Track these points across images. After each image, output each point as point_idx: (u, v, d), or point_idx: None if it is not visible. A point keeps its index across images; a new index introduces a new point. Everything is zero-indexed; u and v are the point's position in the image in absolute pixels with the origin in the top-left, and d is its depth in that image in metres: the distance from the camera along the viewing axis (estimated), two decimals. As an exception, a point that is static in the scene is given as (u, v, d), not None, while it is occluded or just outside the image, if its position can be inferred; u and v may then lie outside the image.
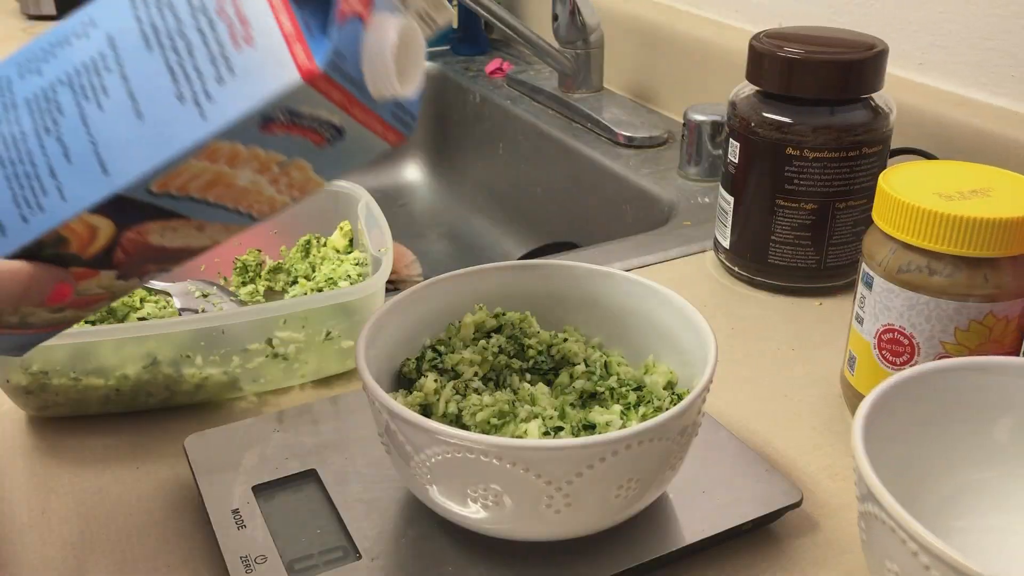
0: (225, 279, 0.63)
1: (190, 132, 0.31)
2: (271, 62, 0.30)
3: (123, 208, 0.32)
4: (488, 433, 0.40)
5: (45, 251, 0.33)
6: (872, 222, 0.48)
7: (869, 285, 0.48)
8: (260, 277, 0.63)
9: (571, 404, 0.43)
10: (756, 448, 0.48)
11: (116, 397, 0.50)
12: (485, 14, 0.95)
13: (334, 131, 0.32)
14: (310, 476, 0.44)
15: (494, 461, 0.35)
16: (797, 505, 0.42)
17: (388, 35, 0.32)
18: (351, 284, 0.59)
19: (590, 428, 0.40)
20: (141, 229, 0.33)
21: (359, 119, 0.32)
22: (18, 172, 0.32)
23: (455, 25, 1.23)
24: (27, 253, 0.32)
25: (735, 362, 0.56)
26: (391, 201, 1.18)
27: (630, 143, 0.92)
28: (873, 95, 0.60)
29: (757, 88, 0.61)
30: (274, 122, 0.31)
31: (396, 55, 0.32)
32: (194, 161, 0.31)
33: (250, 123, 0.30)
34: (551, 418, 0.41)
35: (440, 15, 0.36)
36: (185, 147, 0.31)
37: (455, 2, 1.16)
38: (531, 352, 0.45)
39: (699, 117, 0.82)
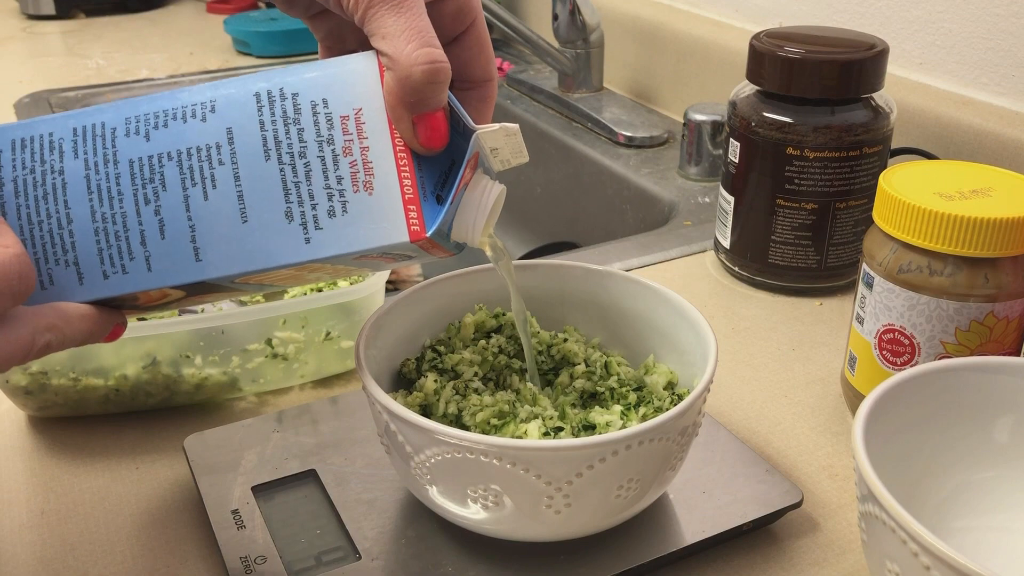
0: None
1: (291, 253, 0.32)
2: (385, 217, 0.32)
3: (202, 286, 0.33)
4: (488, 433, 0.40)
5: (112, 301, 0.33)
6: (872, 222, 0.48)
7: (869, 285, 0.48)
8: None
9: (571, 404, 0.43)
10: (756, 448, 0.48)
11: (116, 397, 0.50)
12: (485, 13, 0.95)
13: (408, 259, 0.35)
14: (310, 476, 0.44)
15: (494, 461, 0.35)
16: (797, 505, 0.42)
17: (486, 202, 0.35)
18: (351, 284, 0.59)
19: (590, 428, 0.40)
20: (205, 296, 0.35)
21: (431, 252, 0.34)
22: (107, 228, 0.32)
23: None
24: (97, 301, 0.33)
25: (735, 362, 0.56)
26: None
27: (630, 143, 0.92)
28: (873, 95, 0.60)
29: (757, 88, 0.61)
30: (367, 257, 0.33)
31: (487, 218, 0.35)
32: (283, 270, 0.33)
33: (348, 257, 0.32)
34: (551, 418, 0.41)
35: (519, 160, 0.38)
36: (283, 263, 0.32)
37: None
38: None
39: (699, 117, 0.82)
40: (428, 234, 0.32)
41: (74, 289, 0.33)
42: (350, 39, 0.39)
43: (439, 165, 0.33)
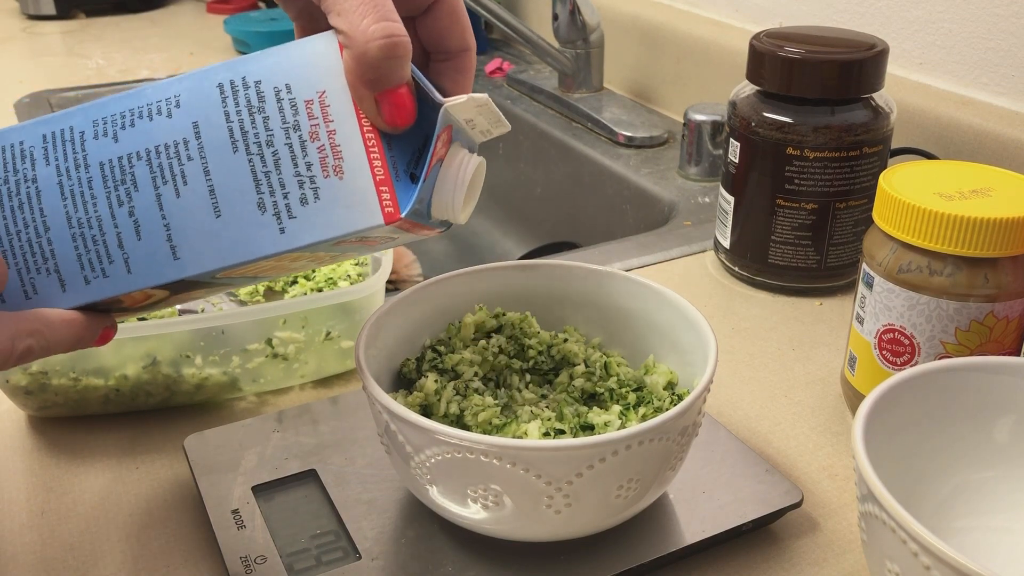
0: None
1: (268, 244, 0.32)
2: (358, 201, 0.31)
3: (184, 284, 0.33)
4: (489, 433, 0.40)
5: (98, 306, 0.33)
6: (872, 222, 0.48)
7: (869, 285, 0.48)
8: (260, 277, 0.63)
9: (569, 405, 0.43)
10: (756, 448, 0.48)
11: (116, 397, 0.50)
12: (485, 14, 0.95)
13: (390, 240, 0.34)
14: (310, 476, 0.44)
15: (494, 461, 0.35)
16: (797, 505, 0.42)
17: (463, 176, 0.34)
18: (351, 284, 0.59)
19: (588, 429, 0.40)
20: (191, 293, 0.35)
21: (414, 233, 0.34)
22: (84, 234, 0.32)
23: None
24: (83, 307, 0.33)
25: (735, 362, 0.56)
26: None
27: (630, 143, 0.92)
28: (873, 95, 0.60)
29: (757, 88, 0.61)
30: (345, 242, 0.32)
31: (466, 192, 0.34)
32: (263, 262, 0.32)
33: (325, 244, 0.32)
34: (549, 419, 0.41)
35: (499, 129, 0.37)
36: (260, 255, 0.32)
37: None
38: (531, 352, 0.45)
39: (699, 117, 0.82)
40: (403, 215, 0.31)
41: (57, 296, 0.32)
42: (322, 18, 0.38)
43: (411, 143, 0.32)
